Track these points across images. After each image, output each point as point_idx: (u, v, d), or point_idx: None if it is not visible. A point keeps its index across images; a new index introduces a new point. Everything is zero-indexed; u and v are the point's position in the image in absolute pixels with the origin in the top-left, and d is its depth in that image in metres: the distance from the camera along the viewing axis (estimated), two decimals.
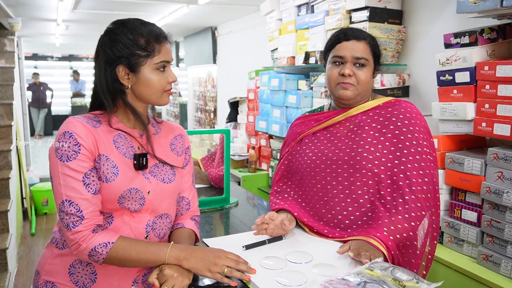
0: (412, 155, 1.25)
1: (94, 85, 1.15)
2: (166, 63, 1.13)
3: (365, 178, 1.27)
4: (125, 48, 1.08)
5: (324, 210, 1.31)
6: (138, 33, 1.09)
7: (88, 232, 1.03)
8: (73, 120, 1.08)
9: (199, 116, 6.13)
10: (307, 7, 2.84)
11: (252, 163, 3.48)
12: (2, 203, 3.26)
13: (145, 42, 1.09)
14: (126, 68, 1.09)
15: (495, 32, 1.78)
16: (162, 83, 1.12)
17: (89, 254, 1.03)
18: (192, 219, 1.30)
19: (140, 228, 1.14)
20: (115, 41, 1.09)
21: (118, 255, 1.04)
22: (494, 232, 1.67)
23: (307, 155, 1.40)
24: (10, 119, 3.85)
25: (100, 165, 1.07)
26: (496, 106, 1.67)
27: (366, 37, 1.35)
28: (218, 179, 2.08)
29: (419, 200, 1.20)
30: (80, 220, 1.02)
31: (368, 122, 1.33)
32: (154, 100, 1.14)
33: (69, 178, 1.03)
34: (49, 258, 1.15)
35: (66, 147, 1.04)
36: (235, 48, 4.86)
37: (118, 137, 1.13)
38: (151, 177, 1.16)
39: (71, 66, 11.81)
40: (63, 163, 1.04)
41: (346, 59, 1.31)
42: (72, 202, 1.03)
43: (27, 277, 3.32)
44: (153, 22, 1.15)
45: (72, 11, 4.26)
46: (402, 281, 0.91)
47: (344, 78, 1.31)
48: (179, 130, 1.31)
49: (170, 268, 1.04)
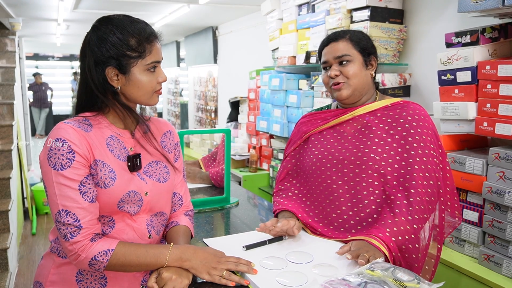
0: (419, 157, 1.24)
1: (80, 86, 1.10)
2: (157, 63, 1.10)
3: (371, 178, 1.26)
4: (114, 48, 1.04)
5: (329, 210, 1.31)
6: (128, 32, 1.05)
7: (86, 242, 1.00)
8: (64, 126, 1.03)
9: (200, 116, 6.13)
10: (308, 7, 2.83)
11: (253, 163, 3.48)
12: (3, 203, 3.26)
13: (136, 42, 1.05)
14: (115, 70, 1.05)
15: (496, 31, 1.77)
16: (152, 84, 1.09)
17: (89, 263, 1.01)
18: (186, 214, 1.29)
19: (143, 229, 1.13)
20: (103, 40, 1.04)
21: (119, 262, 1.02)
22: (495, 232, 1.67)
23: (313, 154, 1.40)
24: (11, 119, 3.85)
25: (96, 171, 1.04)
26: (498, 105, 1.66)
27: (345, 35, 1.37)
28: (219, 179, 2.08)
29: (422, 203, 1.20)
30: (78, 230, 0.99)
31: (376, 122, 1.33)
32: (144, 101, 1.11)
33: (65, 187, 0.99)
34: (52, 268, 1.12)
35: (59, 155, 1.00)
36: (236, 47, 4.86)
37: (111, 140, 1.09)
38: (147, 177, 1.14)
39: (72, 66, 11.82)
40: (57, 171, 0.99)
41: (330, 62, 1.37)
42: (69, 212, 0.99)
43: (28, 277, 3.32)
44: (143, 20, 1.11)
45: (72, 11, 4.25)
46: (403, 282, 0.90)
47: (333, 79, 1.35)
48: (167, 126, 1.28)
49: (168, 270, 1.03)
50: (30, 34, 6.41)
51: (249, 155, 3.53)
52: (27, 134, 5.84)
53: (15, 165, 3.68)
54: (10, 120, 3.80)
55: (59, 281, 1.11)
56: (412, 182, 1.21)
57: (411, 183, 1.21)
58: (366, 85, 1.37)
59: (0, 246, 2.97)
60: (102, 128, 1.09)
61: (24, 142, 5.14)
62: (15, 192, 3.62)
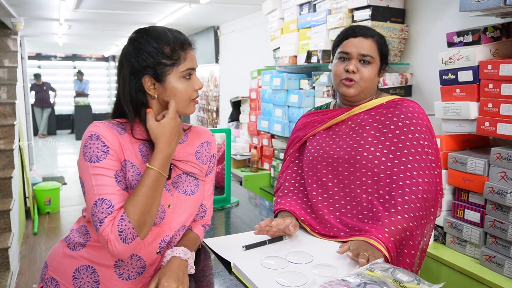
0: (412, 155, 1.24)
1: (117, 95, 1.12)
2: (192, 70, 1.10)
3: (364, 177, 1.27)
4: (150, 57, 1.05)
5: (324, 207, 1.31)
6: (162, 41, 1.06)
7: (107, 225, 0.98)
8: (98, 124, 1.05)
9: (202, 116, 6.13)
10: (309, 6, 2.83)
11: (254, 163, 3.47)
12: (4, 202, 3.27)
13: (170, 50, 1.06)
14: (152, 78, 1.07)
15: (498, 30, 1.76)
16: (188, 91, 1.09)
17: (121, 238, 0.97)
18: (202, 226, 1.29)
19: (154, 243, 1.11)
20: (139, 50, 1.06)
21: (136, 213, 0.99)
22: (497, 232, 1.66)
23: (310, 152, 1.41)
24: (13, 119, 3.85)
25: (125, 171, 1.05)
26: (500, 105, 1.65)
27: (374, 35, 1.35)
28: (220, 179, 2.08)
29: (418, 200, 1.19)
30: (106, 216, 0.98)
31: (370, 121, 1.33)
32: (181, 109, 1.11)
33: (101, 176, 1.01)
34: (58, 256, 1.15)
35: (94, 149, 1.01)
36: (238, 47, 4.85)
37: (143, 146, 1.10)
38: (173, 189, 1.13)
39: (74, 66, 11.85)
40: (93, 164, 1.01)
41: (352, 55, 1.33)
42: (104, 199, 0.99)
43: (29, 276, 3.32)
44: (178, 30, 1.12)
45: (74, 11, 4.26)
46: (402, 282, 0.90)
47: (348, 74, 1.32)
48: (206, 136, 1.26)
49: (168, 280, 1.01)
50: (32, 34, 6.42)
51: (250, 155, 3.53)
52: (29, 133, 5.85)
53: (17, 165, 3.68)
54: (12, 120, 3.81)
55: (59, 270, 1.14)
56: (406, 181, 1.21)
57: (405, 181, 1.21)
58: (372, 90, 1.38)
59: (2, 246, 2.98)
60: (135, 135, 1.09)
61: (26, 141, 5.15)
62: (16, 191, 3.63)
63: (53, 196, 4.75)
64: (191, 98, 1.11)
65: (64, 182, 5.69)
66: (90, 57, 12.01)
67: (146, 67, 1.06)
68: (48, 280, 1.15)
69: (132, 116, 1.08)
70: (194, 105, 1.13)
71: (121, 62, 1.10)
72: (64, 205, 4.98)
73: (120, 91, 1.09)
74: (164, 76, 1.07)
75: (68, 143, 9.68)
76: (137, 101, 1.08)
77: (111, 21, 5.11)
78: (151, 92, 1.08)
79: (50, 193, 4.72)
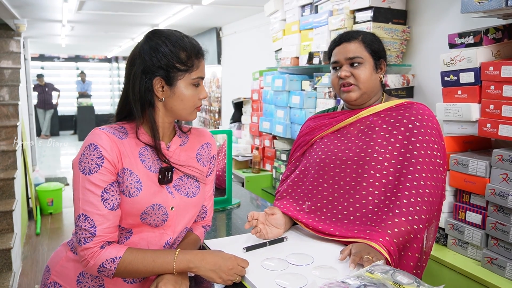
0: (422, 157, 1.24)
1: (124, 93, 1.11)
2: (201, 79, 1.12)
3: (372, 178, 1.26)
4: (164, 58, 1.05)
5: (325, 209, 1.31)
6: (180, 46, 1.07)
7: (96, 249, 1.01)
8: (98, 132, 1.05)
9: (204, 117, 6.14)
10: (311, 8, 2.83)
11: (256, 164, 3.47)
12: (7, 203, 3.28)
13: (186, 56, 1.07)
14: (162, 81, 1.07)
15: (500, 32, 1.75)
16: (195, 99, 1.11)
17: (98, 270, 1.01)
18: (203, 227, 1.30)
19: (157, 246, 1.13)
20: (155, 50, 1.06)
21: (126, 269, 1.02)
22: (499, 234, 1.65)
23: (317, 154, 1.41)
24: (16, 119, 3.87)
25: (123, 179, 1.05)
26: (501, 107, 1.65)
27: (358, 36, 1.36)
28: (221, 180, 2.08)
29: (424, 203, 1.19)
30: (92, 237, 1.00)
31: (379, 123, 1.33)
32: (185, 115, 1.12)
33: (88, 192, 1.01)
34: (61, 260, 1.15)
35: (89, 160, 1.02)
36: (240, 48, 4.86)
37: (144, 150, 1.10)
38: (175, 191, 1.14)
39: (77, 67, 11.89)
40: (85, 176, 1.01)
41: (341, 62, 1.35)
42: (88, 217, 1.01)
43: (32, 277, 3.33)
44: (189, 36, 1.13)
45: (77, 12, 4.28)
46: (402, 285, 0.90)
47: (343, 80, 1.34)
48: (206, 138, 1.27)
49: (166, 284, 1.02)
50: (35, 35, 6.45)
51: (252, 156, 3.53)
52: (32, 134, 5.87)
53: (19, 166, 3.70)
54: (15, 121, 3.82)
55: (63, 275, 1.14)
56: (413, 182, 1.21)
57: (412, 183, 1.21)
58: (375, 88, 1.37)
59: (4, 246, 2.99)
60: (137, 138, 1.09)
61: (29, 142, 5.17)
62: (19, 192, 3.64)
63: (55, 196, 4.76)
64: (196, 106, 1.13)
65: (66, 183, 5.71)
66: (93, 58, 12.05)
67: (159, 67, 1.05)
68: (51, 284, 1.15)
69: (139, 115, 1.08)
70: (196, 112, 1.15)
71: (133, 59, 1.08)
72: (67, 205, 4.99)
73: (129, 89, 1.08)
74: (175, 80, 1.07)
75: (71, 144, 9.71)
76: (145, 101, 1.08)
77: (113, 22, 5.13)
78: (159, 94, 1.08)
79: (53, 193, 4.74)
